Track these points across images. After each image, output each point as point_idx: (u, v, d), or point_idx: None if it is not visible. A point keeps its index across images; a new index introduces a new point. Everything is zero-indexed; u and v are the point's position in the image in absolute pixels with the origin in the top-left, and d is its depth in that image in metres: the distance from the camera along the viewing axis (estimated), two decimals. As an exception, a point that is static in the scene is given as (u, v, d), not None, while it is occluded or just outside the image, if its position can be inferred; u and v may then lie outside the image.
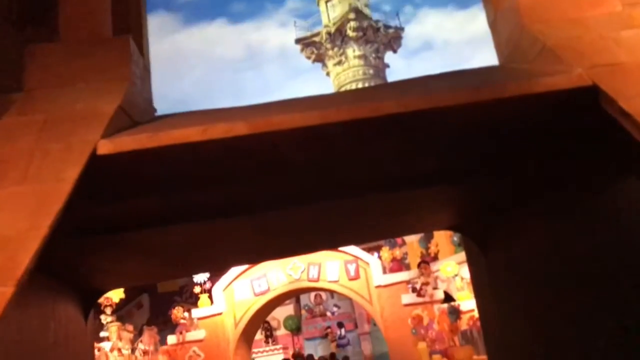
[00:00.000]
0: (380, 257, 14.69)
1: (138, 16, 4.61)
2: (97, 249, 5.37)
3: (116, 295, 13.35)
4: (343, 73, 31.83)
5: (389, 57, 34.52)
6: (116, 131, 3.41)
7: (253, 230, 5.34)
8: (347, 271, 13.99)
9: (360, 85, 29.56)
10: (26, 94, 3.65)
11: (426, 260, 14.52)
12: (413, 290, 13.75)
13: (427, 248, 16.43)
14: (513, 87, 3.28)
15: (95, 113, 3.49)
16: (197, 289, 14.60)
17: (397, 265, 14.30)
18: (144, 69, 4.18)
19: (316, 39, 33.56)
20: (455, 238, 15.97)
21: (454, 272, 13.92)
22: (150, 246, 5.41)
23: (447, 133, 3.71)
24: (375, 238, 12.25)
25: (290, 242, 6.33)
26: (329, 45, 32.38)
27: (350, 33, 32.08)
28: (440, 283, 15.49)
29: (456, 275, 13.85)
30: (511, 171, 4.91)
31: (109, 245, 5.20)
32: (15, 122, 3.42)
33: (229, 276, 14.55)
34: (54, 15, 3.99)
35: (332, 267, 14.07)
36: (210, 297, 14.43)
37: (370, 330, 21.29)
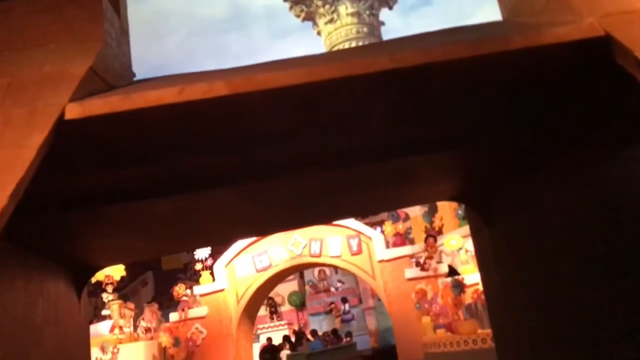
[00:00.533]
0: (383, 232, 14.48)
1: (113, -27, 4.30)
2: (83, 224, 5.16)
3: (117, 272, 13.24)
4: (335, 32, 29.92)
5: (385, 14, 32.11)
6: (88, 95, 3.15)
7: (244, 202, 5.10)
8: (350, 246, 13.81)
9: (353, 44, 27.96)
10: (-12, 57, 3.39)
11: (432, 234, 14.31)
12: (417, 264, 13.58)
13: (432, 222, 16.19)
14: (518, 40, 3.00)
15: (63, 75, 3.23)
16: (199, 266, 14.48)
17: (401, 239, 14.09)
18: (121, 31, 3.90)
19: (306, -4, 31.61)
20: (459, 211, 15.74)
21: (458, 246, 13.71)
22: (137, 220, 5.19)
23: (447, 93, 3.44)
24: (374, 211, 11.97)
25: (284, 215, 6.10)
26: (320, 2, 30.55)
27: (342, -12, 30.29)
28: (444, 257, 15.32)
29: (460, 248, 13.65)
30: (515, 137, 4.65)
31: (94, 219, 4.98)
32: (-25, 87, 3.17)
33: (230, 253, 14.42)
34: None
35: (334, 242, 13.89)
36: (212, 274, 14.33)
37: (374, 305, 21.25)
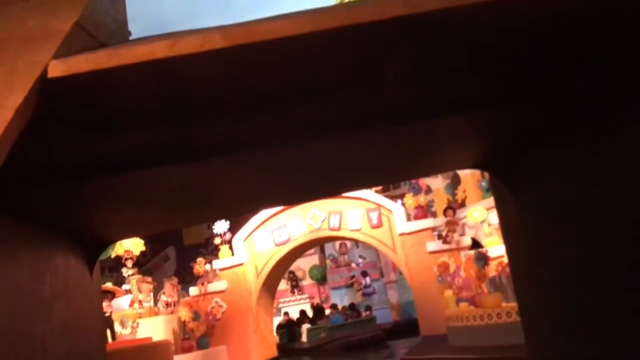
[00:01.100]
0: (404, 205, 14.16)
1: None
2: (89, 196, 4.97)
3: (136, 247, 13.20)
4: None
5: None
6: (76, 53, 2.88)
7: (255, 171, 4.84)
8: (369, 219, 13.55)
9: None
10: (-32, 12, 3.14)
11: (452, 206, 13.95)
12: (439, 237, 13.29)
13: (454, 194, 15.81)
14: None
15: (47, 31, 2.97)
16: (218, 240, 14.39)
17: (422, 212, 13.76)
18: (114, -15, 3.63)
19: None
20: (483, 183, 15.33)
21: (482, 218, 13.35)
22: (145, 191, 4.98)
23: (467, 45, 3.11)
24: (393, 180, 11.63)
25: (298, 186, 5.83)
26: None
27: None
28: (467, 229, 14.99)
29: (484, 221, 13.29)
30: (542, 97, 4.30)
31: (100, 190, 4.79)
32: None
33: (249, 227, 14.29)
34: None
35: (354, 216, 13.64)
36: (230, 248, 14.23)
37: (396, 278, 21.10)
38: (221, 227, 14.48)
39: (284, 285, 22.50)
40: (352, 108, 3.97)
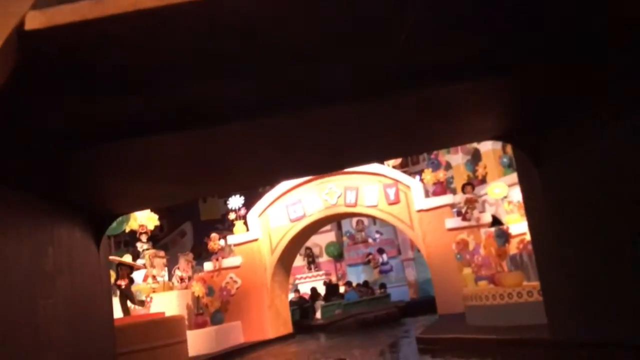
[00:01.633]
0: (422, 180, 13.82)
1: None
2: (90, 165, 4.76)
3: (150, 222, 13.09)
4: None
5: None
6: (58, 4, 2.62)
7: (262, 139, 4.58)
8: (387, 195, 13.25)
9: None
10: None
11: (471, 182, 13.57)
12: (458, 214, 12.96)
13: (475, 171, 15.42)
14: None
15: (26, -20, 2.69)
16: (232, 216, 14.23)
17: (441, 188, 13.40)
18: None
19: None
20: (504, 159, 14.91)
21: (503, 194, 12.98)
22: (147, 161, 4.75)
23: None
24: (411, 151, 11.19)
25: (307, 157, 5.53)
26: None
27: None
28: (487, 207, 14.62)
29: (505, 197, 12.92)
30: (573, 65, 3.96)
31: (101, 159, 4.57)
32: None
33: (264, 202, 14.10)
34: None
35: (370, 192, 13.35)
36: (245, 224, 14.07)
37: (414, 256, 20.88)
38: (236, 203, 14.32)
39: (301, 261, 22.42)
40: (366, 72, 3.67)
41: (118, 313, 9.96)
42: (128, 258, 9.79)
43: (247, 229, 14.01)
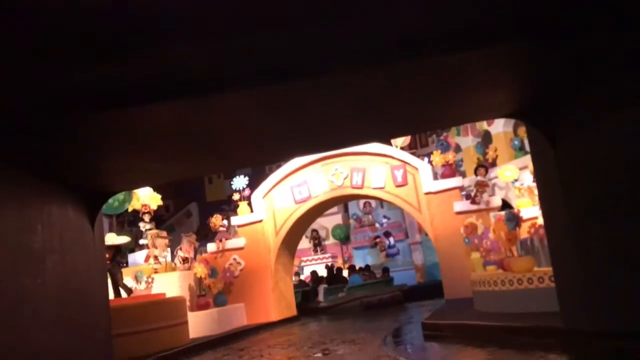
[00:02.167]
0: (430, 162, 13.48)
1: None
2: (79, 138, 4.50)
3: (153, 202, 12.90)
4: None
5: None
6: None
7: (258, 111, 4.27)
8: (394, 177, 12.93)
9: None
10: None
11: (483, 164, 13.23)
12: (467, 197, 12.64)
13: (485, 153, 15.06)
14: None
15: None
16: (236, 197, 13.99)
17: (450, 170, 13.04)
18: None
19: None
20: (516, 142, 14.54)
21: (514, 177, 12.63)
22: (138, 133, 4.46)
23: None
24: (421, 128, 10.75)
25: (306, 133, 5.19)
26: None
27: None
28: (497, 190, 14.30)
29: (516, 180, 12.58)
30: (593, 33, 3.62)
31: (88, 131, 4.30)
32: None
33: (268, 183, 13.84)
34: None
35: (377, 173, 13.04)
36: (249, 205, 13.83)
37: (421, 240, 20.62)
38: (240, 183, 14.07)
39: (307, 244, 22.23)
40: (369, 37, 3.35)
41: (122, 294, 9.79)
42: (112, 237, 9.46)
43: (252, 210, 13.78)
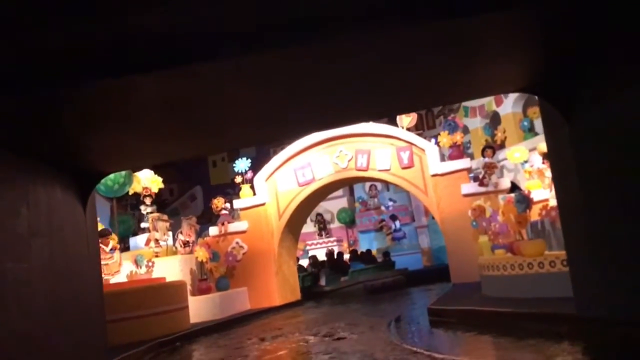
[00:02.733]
0: (437, 144, 13.13)
1: None
2: (59, 111, 4.20)
3: (154, 185, 12.67)
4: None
5: None
6: None
7: (250, 83, 3.95)
8: (400, 159, 12.60)
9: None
10: None
11: (491, 145, 12.88)
12: (475, 179, 12.30)
13: (493, 135, 14.71)
14: None
15: None
16: (239, 179, 13.72)
17: (458, 151, 12.67)
18: None
19: None
20: (525, 123, 14.17)
21: (523, 158, 12.29)
22: (122, 109, 4.16)
23: None
24: (428, 104, 10.33)
25: (304, 108, 4.87)
26: None
27: None
28: (506, 172, 13.97)
29: (525, 161, 12.24)
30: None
31: (72, 105, 4.01)
32: None
33: (271, 166, 13.55)
34: None
35: (383, 155, 12.71)
36: (252, 188, 13.57)
37: (427, 223, 20.37)
38: (242, 166, 13.79)
39: (312, 227, 22.03)
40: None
41: (121, 277, 9.60)
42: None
43: (254, 193, 13.52)
